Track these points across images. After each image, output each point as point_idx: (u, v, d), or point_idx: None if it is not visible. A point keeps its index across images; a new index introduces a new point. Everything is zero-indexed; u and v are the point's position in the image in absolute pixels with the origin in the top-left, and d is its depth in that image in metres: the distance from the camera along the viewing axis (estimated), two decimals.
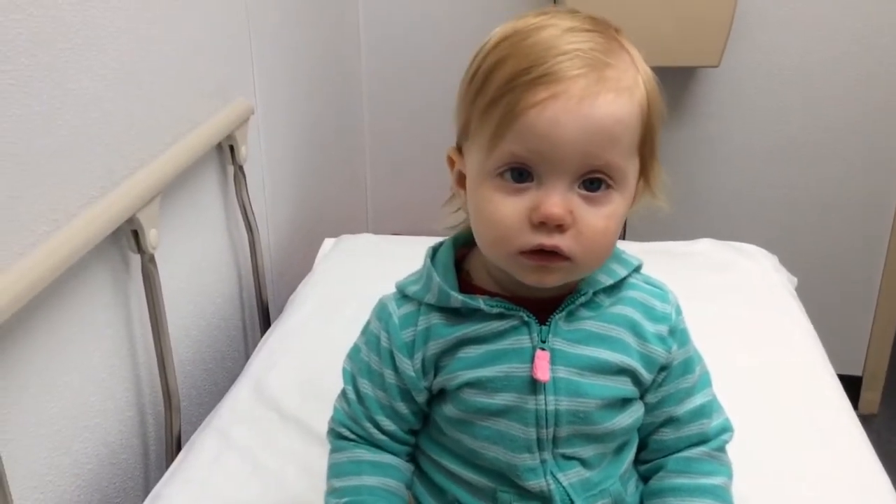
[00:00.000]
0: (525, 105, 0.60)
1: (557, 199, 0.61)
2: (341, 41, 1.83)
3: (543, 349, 0.68)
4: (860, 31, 1.78)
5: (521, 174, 0.62)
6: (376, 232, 1.63)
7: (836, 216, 1.94)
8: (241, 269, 1.35)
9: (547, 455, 0.69)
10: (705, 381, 0.76)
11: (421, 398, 0.72)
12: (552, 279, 0.65)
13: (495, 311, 0.68)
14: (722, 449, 0.75)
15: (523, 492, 0.70)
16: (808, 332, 1.20)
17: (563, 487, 0.69)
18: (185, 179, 1.13)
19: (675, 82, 1.84)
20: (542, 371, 0.67)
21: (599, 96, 0.60)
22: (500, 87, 0.61)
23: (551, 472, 0.69)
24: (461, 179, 0.68)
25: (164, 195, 1.04)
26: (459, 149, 0.69)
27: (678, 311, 0.74)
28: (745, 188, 1.94)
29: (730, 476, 0.75)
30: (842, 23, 1.78)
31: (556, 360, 0.68)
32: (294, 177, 1.57)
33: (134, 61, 0.99)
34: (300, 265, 1.54)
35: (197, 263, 1.21)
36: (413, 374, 0.71)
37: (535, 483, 0.69)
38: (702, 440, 0.74)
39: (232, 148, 1.25)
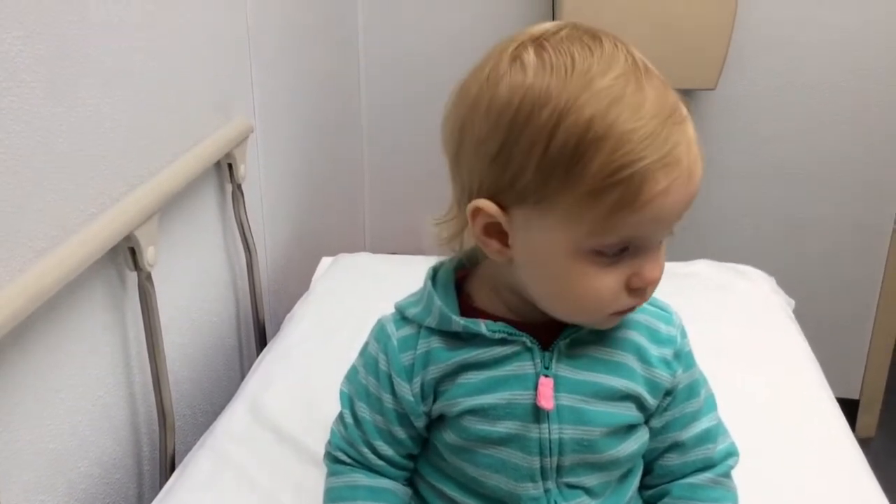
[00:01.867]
0: (649, 196, 0.56)
1: (658, 265, 0.62)
2: (341, 62, 1.84)
3: (547, 376, 0.66)
4: (858, 56, 1.79)
5: (623, 248, 0.60)
6: (374, 251, 1.63)
7: (834, 239, 1.95)
8: (238, 288, 1.35)
9: (551, 484, 0.68)
10: (711, 405, 0.75)
11: (420, 423, 0.71)
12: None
13: (497, 336, 0.66)
14: (727, 475, 0.74)
15: None
16: (806, 354, 1.20)
17: None
18: (183, 197, 1.12)
19: None
20: (547, 399, 0.66)
21: (697, 163, 0.60)
22: (610, 173, 0.56)
23: (555, 502, 0.68)
24: (494, 232, 0.63)
25: (162, 213, 1.04)
26: (499, 204, 0.61)
27: (683, 334, 0.73)
28: (742, 210, 1.95)
29: (735, 502, 0.74)
30: (840, 47, 1.79)
31: (559, 388, 0.67)
32: (292, 196, 1.57)
33: (133, 78, 0.99)
34: (297, 284, 1.54)
35: (194, 282, 1.20)
36: (411, 398, 0.69)
37: None
38: (707, 465, 0.73)
39: (231, 166, 1.24)
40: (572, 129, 0.56)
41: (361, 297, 1.30)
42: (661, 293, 0.76)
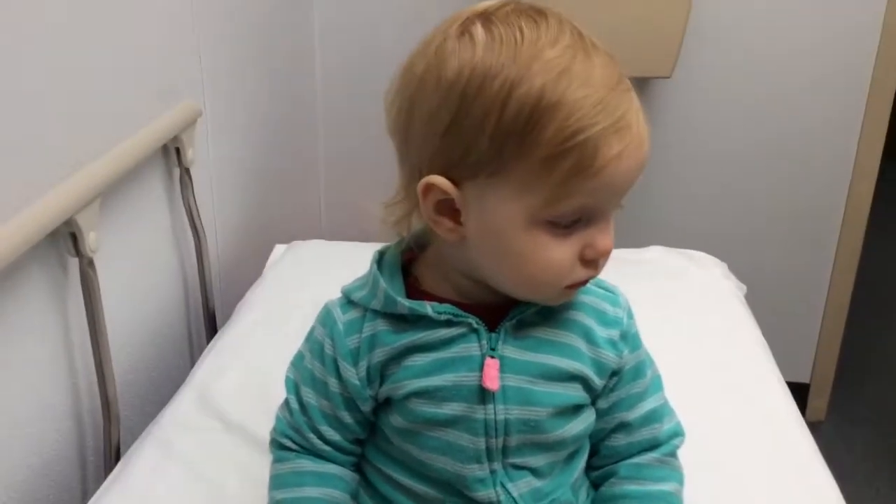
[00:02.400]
0: (603, 161, 0.57)
1: (609, 236, 0.62)
2: (296, 45, 1.81)
3: (493, 357, 0.66)
4: (809, 43, 1.81)
5: (577, 219, 0.61)
6: (331, 238, 1.61)
7: (785, 225, 1.98)
8: (187, 275, 1.32)
9: (496, 465, 0.68)
10: (657, 385, 0.75)
11: (366, 407, 0.70)
12: None
13: (443, 317, 0.66)
14: (673, 454, 0.75)
15: (472, 503, 0.68)
16: (756, 339, 1.22)
17: (513, 498, 0.68)
18: (128, 181, 1.09)
19: None
20: (492, 380, 0.65)
21: (646, 131, 0.61)
22: (564, 139, 0.56)
23: (501, 483, 0.68)
24: (445, 209, 0.62)
25: (105, 197, 1.01)
26: (451, 180, 0.61)
27: (630, 315, 0.73)
28: (695, 196, 1.97)
29: (681, 482, 0.74)
30: (791, 34, 1.81)
31: (505, 368, 0.66)
32: (243, 181, 1.54)
33: (74, 60, 0.96)
34: (250, 272, 1.51)
35: (140, 268, 1.17)
36: (357, 382, 0.69)
37: (485, 493, 0.68)
38: (653, 445, 0.73)
39: (178, 150, 1.22)
40: (524, 98, 0.57)
41: (314, 284, 1.27)
42: (613, 279, 0.76)
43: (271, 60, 1.65)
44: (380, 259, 0.71)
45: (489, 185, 0.60)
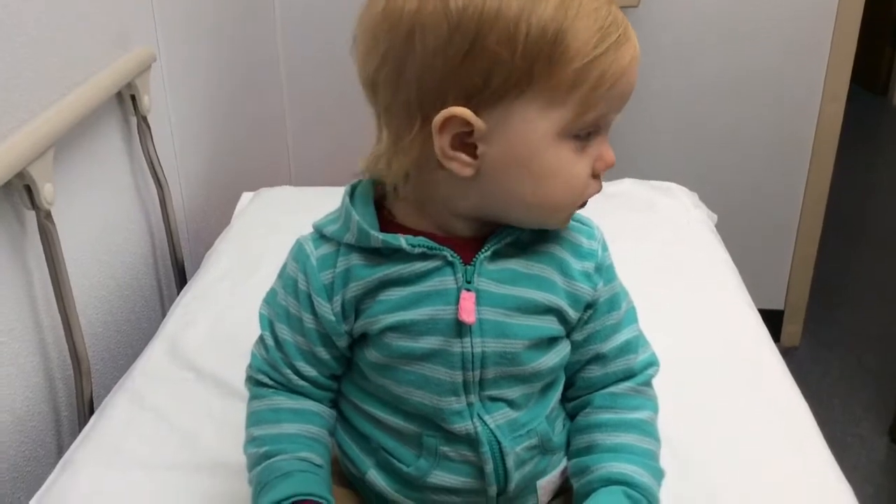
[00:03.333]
0: (620, 70, 0.60)
1: (610, 147, 0.64)
2: None
3: (469, 290, 0.65)
4: None
5: (592, 130, 0.62)
6: (300, 185, 1.59)
7: (756, 153, 1.97)
8: (152, 226, 1.30)
9: (473, 397, 0.68)
10: (631, 317, 0.75)
11: (342, 343, 0.70)
12: None
13: (418, 250, 0.65)
14: (648, 383, 0.75)
15: (450, 435, 0.68)
16: (728, 265, 1.22)
17: (490, 429, 0.68)
18: (82, 131, 1.06)
19: None
20: (468, 313, 0.65)
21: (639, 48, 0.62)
22: (592, 49, 0.58)
23: (478, 415, 0.68)
24: (460, 144, 0.61)
25: (59, 148, 0.98)
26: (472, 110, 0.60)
27: (604, 247, 0.72)
28: (666, 128, 1.96)
29: (655, 410, 0.74)
30: None
31: (481, 301, 0.66)
32: (206, 128, 1.51)
33: (19, 5, 0.92)
34: (218, 221, 1.49)
35: (102, 220, 1.15)
36: (332, 317, 0.68)
37: (462, 426, 0.68)
38: (628, 375, 0.73)
39: (134, 98, 1.18)
40: (550, 11, 0.58)
41: (283, 231, 1.24)
42: (587, 212, 0.75)
43: (226, 7, 1.59)
44: (352, 193, 0.70)
45: (514, 106, 0.59)
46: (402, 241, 0.65)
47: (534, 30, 0.57)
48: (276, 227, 1.33)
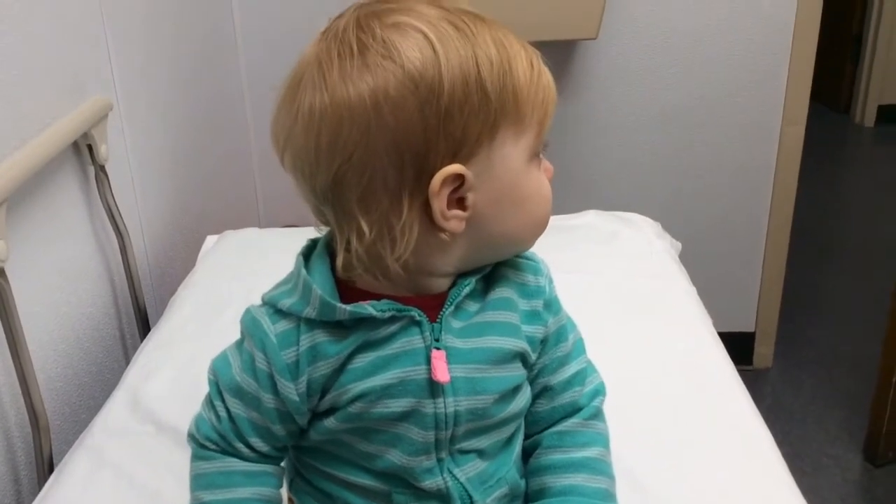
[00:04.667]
0: (551, 87, 0.64)
1: None
2: (215, 26, 1.76)
3: (438, 348, 0.64)
4: (735, 2, 1.82)
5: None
6: (270, 224, 1.58)
7: (719, 179, 1.99)
8: (113, 276, 1.28)
9: (444, 454, 0.67)
10: (579, 349, 0.74)
11: (303, 420, 0.67)
12: None
13: (388, 315, 0.63)
14: (596, 415, 0.74)
15: (420, 492, 0.67)
16: (688, 293, 1.23)
17: (461, 483, 0.67)
18: (37, 184, 1.05)
19: (555, 56, 1.85)
20: (442, 372, 0.63)
21: None
22: (530, 75, 0.62)
23: (448, 469, 0.67)
24: (453, 201, 0.60)
25: (13, 202, 0.97)
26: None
27: (550, 281, 0.72)
28: (628, 158, 1.97)
29: (605, 445, 0.74)
30: None
31: (452, 359, 0.64)
32: (168, 174, 1.50)
33: None
34: (183, 266, 1.48)
35: (60, 273, 1.13)
36: (297, 398, 0.65)
37: (433, 482, 0.67)
38: (575, 409, 0.73)
39: (91, 147, 1.17)
40: (492, 51, 0.60)
41: (248, 273, 1.25)
42: (549, 246, 0.75)
43: (188, 51, 1.59)
44: (306, 260, 0.67)
45: (493, 146, 0.61)
46: (370, 309, 0.62)
47: (491, 69, 0.60)
48: (240, 271, 1.33)
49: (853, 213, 3.10)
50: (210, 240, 1.47)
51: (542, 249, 0.73)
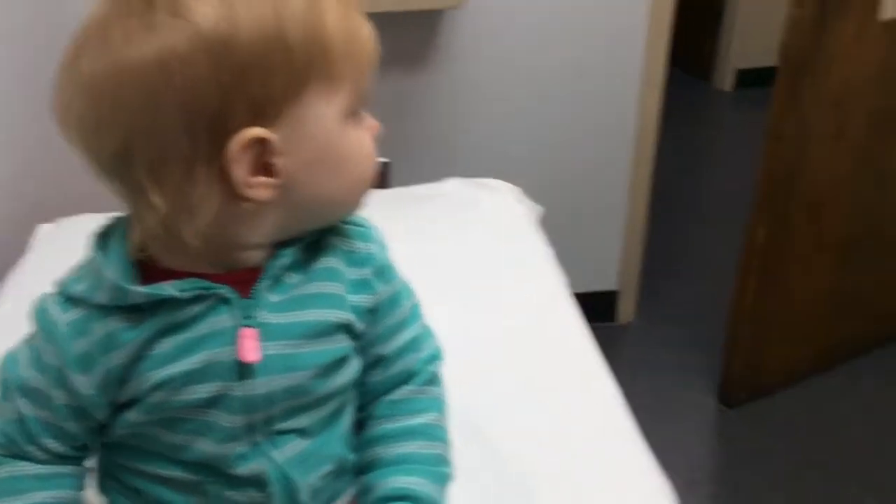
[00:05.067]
0: (369, 43, 0.61)
1: None
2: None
3: (249, 326, 0.60)
4: None
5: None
6: (115, 210, 1.47)
7: (580, 143, 2.04)
8: None
9: (259, 437, 0.63)
10: (416, 314, 0.72)
11: (100, 415, 0.62)
12: None
13: (190, 294, 0.59)
14: (431, 381, 0.72)
15: (234, 479, 0.63)
16: (546, 256, 1.24)
17: (279, 465, 0.64)
18: None
19: (420, 26, 1.81)
20: (249, 351, 0.60)
21: None
22: (344, 32, 0.58)
23: (264, 453, 0.63)
24: (259, 167, 0.56)
25: None
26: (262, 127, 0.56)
27: (382, 247, 0.69)
28: (488, 126, 1.98)
29: (440, 410, 0.72)
30: None
31: (267, 336, 0.61)
32: None
33: None
34: (17, 260, 1.35)
35: None
36: (91, 392, 0.61)
37: (246, 468, 0.63)
38: (409, 377, 0.71)
39: None
40: (298, 9, 0.56)
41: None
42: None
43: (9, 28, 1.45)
44: (104, 240, 0.62)
45: (302, 105, 0.57)
46: (169, 289, 0.58)
47: (295, 22, 0.55)
48: (74, 261, 1.22)
49: (713, 173, 3.24)
50: (42, 229, 1.36)
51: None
